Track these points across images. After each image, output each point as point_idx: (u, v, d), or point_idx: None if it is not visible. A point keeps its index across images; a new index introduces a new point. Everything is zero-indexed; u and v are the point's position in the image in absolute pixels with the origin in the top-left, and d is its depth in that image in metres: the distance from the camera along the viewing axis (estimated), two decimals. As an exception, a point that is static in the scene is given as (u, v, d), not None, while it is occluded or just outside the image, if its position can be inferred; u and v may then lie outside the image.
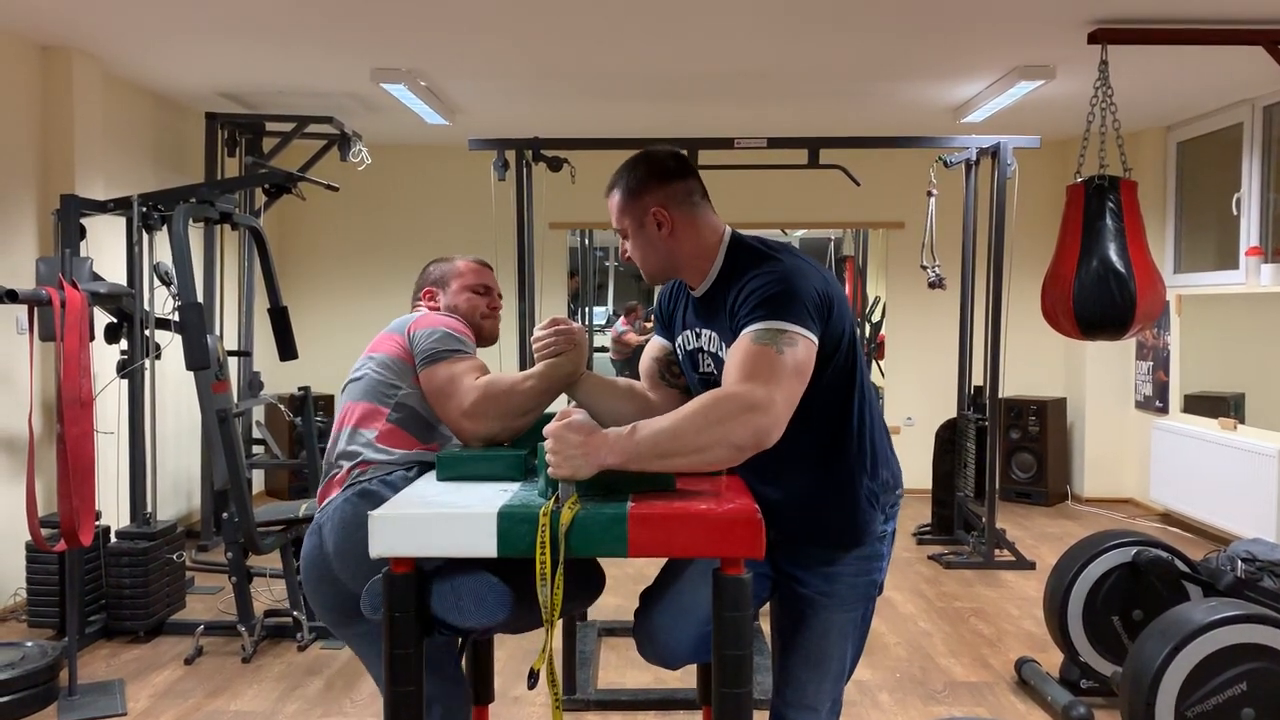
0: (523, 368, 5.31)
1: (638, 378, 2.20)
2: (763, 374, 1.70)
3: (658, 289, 2.20)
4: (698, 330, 2.01)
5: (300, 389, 4.60)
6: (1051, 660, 3.69)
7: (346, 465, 2.10)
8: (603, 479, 1.69)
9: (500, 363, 4.81)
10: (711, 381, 1.97)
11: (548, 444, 1.67)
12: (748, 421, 1.67)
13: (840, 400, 1.94)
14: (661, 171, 1.95)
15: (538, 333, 2.10)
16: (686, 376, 2.10)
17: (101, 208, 4.35)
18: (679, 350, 2.09)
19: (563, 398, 2.12)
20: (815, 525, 1.97)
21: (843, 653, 2.03)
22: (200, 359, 3.88)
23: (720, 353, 1.94)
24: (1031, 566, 5.26)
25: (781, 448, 1.73)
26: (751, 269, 1.87)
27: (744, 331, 1.78)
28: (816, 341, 1.79)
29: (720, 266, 1.95)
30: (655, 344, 2.18)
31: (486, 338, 2.35)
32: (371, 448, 2.08)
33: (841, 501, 1.96)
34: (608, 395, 2.10)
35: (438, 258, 2.47)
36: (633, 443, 1.66)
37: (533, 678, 1.70)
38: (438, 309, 2.34)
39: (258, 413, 6.34)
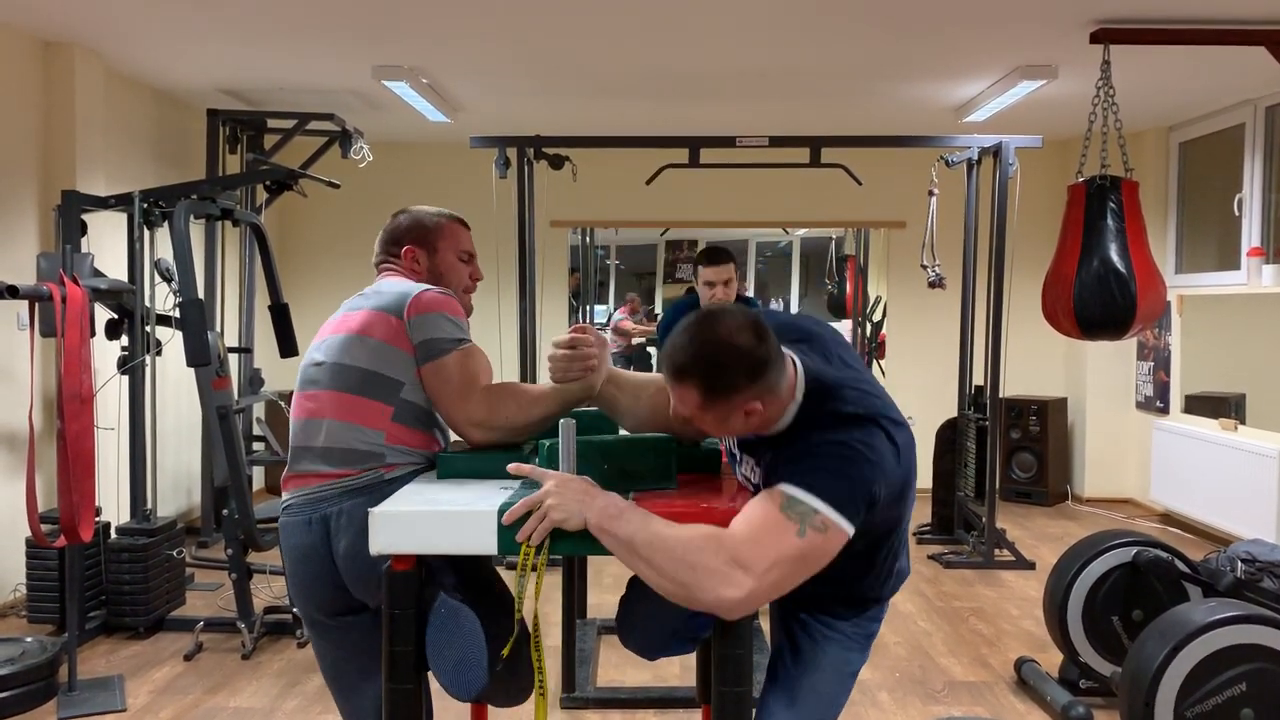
0: (523, 370, 5.31)
1: (639, 370, 2.16)
2: (764, 553, 1.56)
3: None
4: (736, 441, 1.87)
5: (300, 386, 4.63)
6: (1051, 660, 3.69)
7: (359, 466, 1.97)
8: (603, 476, 1.69)
9: (500, 364, 4.81)
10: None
11: (549, 485, 1.64)
12: (716, 589, 1.55)
13: (872, 546, 1.83)
14: (752, 368, 1.62)
15: (554, 351, 1.98)
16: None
17: (103, 204, 4.35)
18: (720, 440, 1.97)
19: None
20: (821, 602, 1.92)
21: (828, 694, 1.92)
22: (201, 355, 3.89)
23: (754, 477, 1.81)
24: (1031, 566, 5.26)
25: None
26: (820, 429, 1.68)
27: (780, 486, 1.62)
28: (850, 534, 1.62)
29: (793, 417, 1.73)
30: None
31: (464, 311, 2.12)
32: (389, 450, 1.97)
33: (851, 599, 1.92)
34: (625, 396, 2.03)
35: (404, 208, 2.22)
36: (616, 523, 1.60)
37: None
38: (422, 275, 2.16)
39: (258, 409, 6.34)
